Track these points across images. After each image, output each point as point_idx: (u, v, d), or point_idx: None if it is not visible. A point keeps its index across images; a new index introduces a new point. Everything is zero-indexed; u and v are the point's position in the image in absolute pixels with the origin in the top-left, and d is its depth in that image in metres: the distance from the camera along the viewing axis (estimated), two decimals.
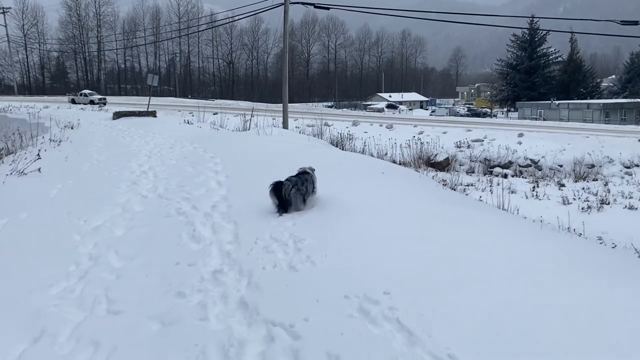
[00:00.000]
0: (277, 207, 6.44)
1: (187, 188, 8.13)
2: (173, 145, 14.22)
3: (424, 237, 5.16)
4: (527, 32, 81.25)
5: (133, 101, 52.26)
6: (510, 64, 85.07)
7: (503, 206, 8.88)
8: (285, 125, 23.05)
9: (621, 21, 23.01)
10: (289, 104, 25.06)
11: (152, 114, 26.86)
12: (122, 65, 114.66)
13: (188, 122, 23.75)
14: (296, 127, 25.35)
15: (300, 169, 6.92)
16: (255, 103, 55.71)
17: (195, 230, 5.88)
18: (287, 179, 6.61)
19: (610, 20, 23.15)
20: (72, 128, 19.95)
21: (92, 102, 53.30)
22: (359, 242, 5.12)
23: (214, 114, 31.54)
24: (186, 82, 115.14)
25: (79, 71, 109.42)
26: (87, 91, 61.58)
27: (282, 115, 24.33)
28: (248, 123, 21.40)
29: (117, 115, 25.84)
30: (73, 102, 55.44)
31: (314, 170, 7.11)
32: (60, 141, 14.69)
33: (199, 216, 6.51)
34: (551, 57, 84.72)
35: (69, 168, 10.13)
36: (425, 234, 5.25)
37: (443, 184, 9.16)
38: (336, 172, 7.68)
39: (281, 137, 14.43)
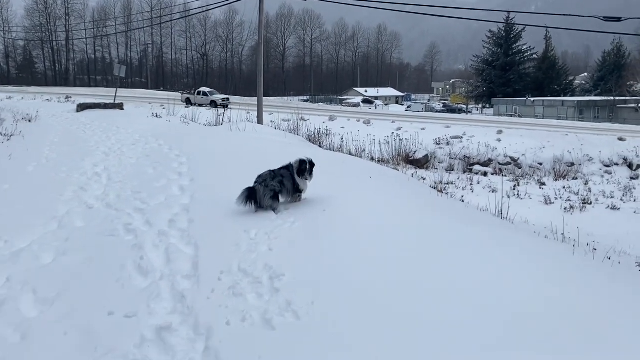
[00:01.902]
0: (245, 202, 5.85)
1: (144, 195, 6.90)
2: (137, 141, 12.99)
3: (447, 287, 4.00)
4: (503, 28, 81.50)
5: (102, 92, 49.93)
6: (486, 60, 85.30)
7: (502, 214, 7.98)
8: (260, 120, 21.95)
9: (604, 17, 22.55)
10: (264, 98, 23.99)
11: (119, 106, 25.52)
12: (92, 56, 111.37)
13: (157, 116, 22.46)
14: (271, 121, 24.23)
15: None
16: (230, 97, 54.36)
17: (143, 258, 4.62)
18: (258, 176, 6.07)
19: (592, 17, 22.68)
20: (29, 121, 18.50)
21: (214, 104, 44.63)
22: (354, 282, 4.08)
23: (185, 107, 30.39)
24: (158, 74, 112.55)
25: (46, 61, 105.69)
26: (206, 89, 52.38)
27: (256, 109, 23.23)
28: (221, 117, 20.45)
29: (81, 107, 24.43)
30: (188, 102, 46.56)
31: (314, 165, 6.26)
32: (11, 135, 13.29)
33: (152, 235, 5.30)
34: (526, 54, 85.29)
35: (10, 169, 8.75)
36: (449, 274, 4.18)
37: (438, 191, 8.22)
38: (320, 177, 6.43)
39: (255, 134, 13.36)
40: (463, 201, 9.98)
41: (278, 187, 6.01)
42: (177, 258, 4.65)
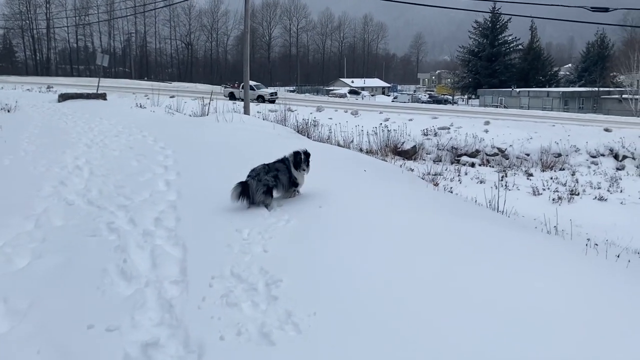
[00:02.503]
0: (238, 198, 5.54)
1: (127, 190, 6.48)
2: (120, 132, 12.55)
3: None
4: (489, 18, 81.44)
5: (84, 82, 48.82)
6: (472, 51, 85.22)
7: (497, 208, 7.75)
8: (246, 111, 21.52)
9: (591, 8, 22.49)
10: None
11: (102, 96, 24.95)
12: (74, 45, 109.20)
13: (141, 106, 21.93)
14: (258, 112, 23.84)
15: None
16: (214, 86, 53.73)
17: (127, 261, 4.19)
18: (251, 170, 5.75)
19: (580, 7, 22.61)
20: (8, 111, 17.92)
21: (261, 99, 42.41)
22: (358, 287, 3.73)
23: (170, 97, 29.76)
24: (142, 64, 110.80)
25: (27, 50, 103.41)
26: (252, 82, 46.31)
27: (243, 99, 22.80)
28: (207, 107, 20.03)
29: (63, 97, 23.77)
30: (232, 97, 42.81)
31: (309, 155, 5.97)
32: None
33: (136, 235, 4.87)
34: (512, 44, 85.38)
35: None
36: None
37: (434, 185, 7.96)
38: (313, 170, 6.05)
39: (243, 125, 12.97)
40: (452, 192, 9.76)
41: (272, 182, 5.70)
42: (164, 261, 4.26)
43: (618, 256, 5.10)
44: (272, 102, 40.69)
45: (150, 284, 3.83)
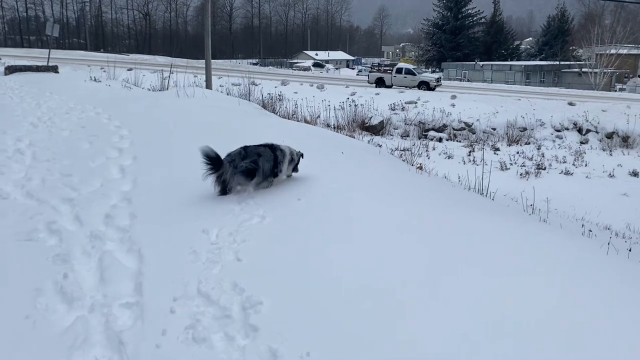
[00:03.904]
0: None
1: (75, 180, 5.59)
2: (71, 109, 11.53)
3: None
4: None
5: (36, 54, 45.98)
6: (436, 24, 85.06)
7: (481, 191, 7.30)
8: (208, 85, 20.52)
9: None
10: (212, 60, 22.46)
11: (54, 69, 23.52)
12: (24, 14, 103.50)
13: (95, 80, 20.70)
14: (220, 85, 22.87)
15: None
16: (174, 58, 51.85)
17: (68, 276, 3.37)
18: (227, 155, 5.00)
19: None
20: None
21: (424, 86, 35.38)
22: (357, 307, 3.04)
23: (128, 70, 28.43)
24: (98, 35, 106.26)
25: None
26: (408, 65, 40.14)
27: (204, 72, 21.72)
28: (166, 81, 19.06)
29: (10, 70, 22.18)
30: (381, 83, 36.56)
31: (301, 156, 5.38)
32: None
33: (82, 239, 4.03)
34: (475, 17, 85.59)
35: None
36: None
37: (418, 168, 7.43)
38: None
39: (206, 100, 12.14)
40: (437, 175, 9.29)
41: (251, 166, 4.99)
42: (115, 274, 3.45)
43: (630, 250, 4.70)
44: (432, 89, 34.51)
45: (96, 308, 3.05)
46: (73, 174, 5.71)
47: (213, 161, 4.79)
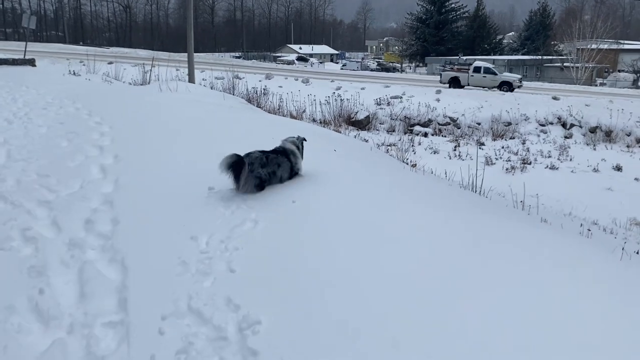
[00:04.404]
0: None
1: (52, 181, 5.20)
2: (49, 104, 11.09)
3: None
4: None
5: (13, 47, 44.76)
6: (420, 18, 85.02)
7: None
8: (191, 79, 20.11)
9: None
10: (195, 54, 22.01)
11: (31, 62, 22.91)
12: (0, 6, 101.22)
13: (75, 74, 20.15)
14: (203, 79, 22.44)
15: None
16: (156, 52, 51.02)
17: (44, 291, 3.06)
18: (246, 155, 4.68)
19: None
20: None
21: (506, 86, 33.51)
22: (369, 323, 2.72)
23: (108, 64, 27.79)
24: (77, 27, 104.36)
25: None
26: (486, 64, 36.57)
27: (187, 66, 21.29)
28: (148, 75, 18.60)
29: None
30: (455, 83, 34.50)
31: (303, 140, 5.19)
32: None
33: (60, 247, 3.68)
34: (459, 12, 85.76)
35: None
36: None
37: (412, 166, 7.21)
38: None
39: (190, 95, 11.80)
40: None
41: (266, 177, 4.79)
42: (96, 288, 3.13)
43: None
44: (511, 90, 32.13)
45: (75, 329, 2.72)
46: (50, 175, 5.33)
47: (236, 168, 4.59)
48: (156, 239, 3.90)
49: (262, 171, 4.71)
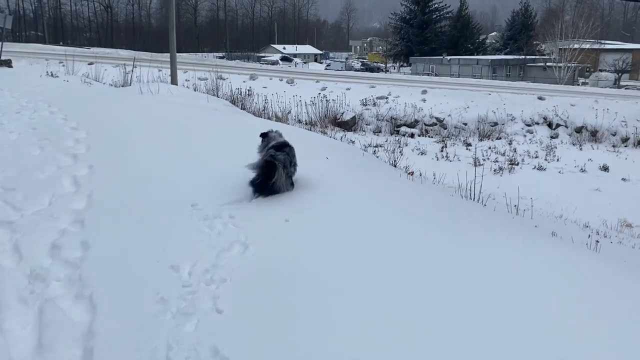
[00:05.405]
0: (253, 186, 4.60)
1: (19, 196, 4.63)
2: (23, 108, 10.53)
3: None
4: None
5: None
6: (404, 18, 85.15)
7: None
8: (174, 80, 19.57)
9: None
10: (177, 54, 21.46)
11: (7, 63, 22.10)
12: None
13: (52, 75, 19.44)
14: (186, 80, 21.91)
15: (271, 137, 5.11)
16: (138, 52, 50.09)
17: None
18: (271, 156, 4.65)
19: None
20: None
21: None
22: None
23: (88, 64, 27.06)
24: (57, 27, 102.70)
25: None
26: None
27: (169, 66, 20.74)
28: (129, 76, 18.02)
29: None
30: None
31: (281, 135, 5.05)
32: None
33: (20, 280, 3.15)
34: (442, 12, 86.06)
35: None
36: None
37: (409, 174, 6.84)
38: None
39: (172, 97, 11.34)
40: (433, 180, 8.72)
41: (292, 172, 4.90)
42: (58, 335, 2.61)
43: None
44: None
45: None
46: (17, 188, 4.76)
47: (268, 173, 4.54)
48: (131, 268, 3.40)
49: (292, 169, 4.85)
